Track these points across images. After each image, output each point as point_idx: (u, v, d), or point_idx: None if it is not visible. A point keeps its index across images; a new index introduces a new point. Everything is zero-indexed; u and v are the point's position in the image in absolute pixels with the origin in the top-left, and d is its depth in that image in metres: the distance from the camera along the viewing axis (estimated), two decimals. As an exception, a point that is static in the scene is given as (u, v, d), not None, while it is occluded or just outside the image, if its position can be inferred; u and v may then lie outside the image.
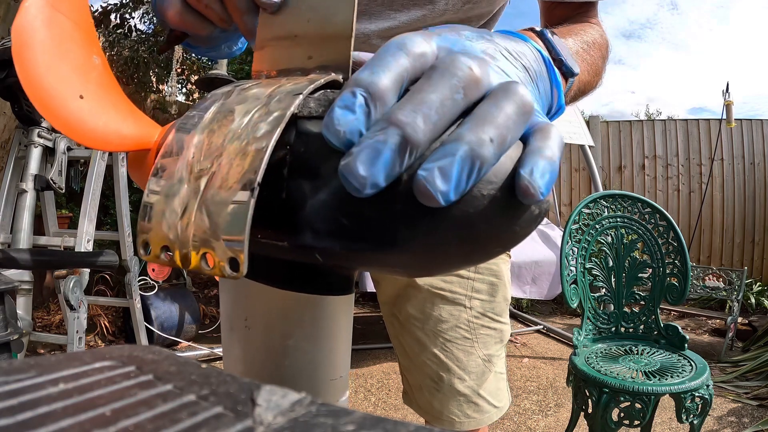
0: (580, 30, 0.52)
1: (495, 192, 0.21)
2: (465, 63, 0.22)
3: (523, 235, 0.24)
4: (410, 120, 0.20)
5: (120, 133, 0.30)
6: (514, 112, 0.22)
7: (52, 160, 1.98)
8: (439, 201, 0.20)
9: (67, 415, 0.13)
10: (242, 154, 0.22)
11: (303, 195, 0.23)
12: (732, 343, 3.24)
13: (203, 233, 0.21)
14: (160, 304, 3.09)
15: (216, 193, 0.21)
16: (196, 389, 0.15)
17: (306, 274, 0.26)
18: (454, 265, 0.25)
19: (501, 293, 0.78)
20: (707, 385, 1.48)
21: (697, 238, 4.61)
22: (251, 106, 0.24)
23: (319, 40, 0.27)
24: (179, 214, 0.22)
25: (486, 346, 0.77)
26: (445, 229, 0.21)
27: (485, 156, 0.20)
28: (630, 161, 4.87)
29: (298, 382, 0.28)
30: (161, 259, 0.23)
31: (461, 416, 0.76)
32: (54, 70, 0.27)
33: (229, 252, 0.21)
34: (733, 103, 3.97)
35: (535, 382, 2.76)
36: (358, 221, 0.22)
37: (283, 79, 0.26)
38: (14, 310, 0.86)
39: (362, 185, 0.20)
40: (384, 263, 0.24)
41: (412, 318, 0.77)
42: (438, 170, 0.20)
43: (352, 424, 0.13)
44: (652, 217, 1.89)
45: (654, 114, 12.27)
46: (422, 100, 0.21)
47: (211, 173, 0.22)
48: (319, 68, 0.27)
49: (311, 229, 0.23)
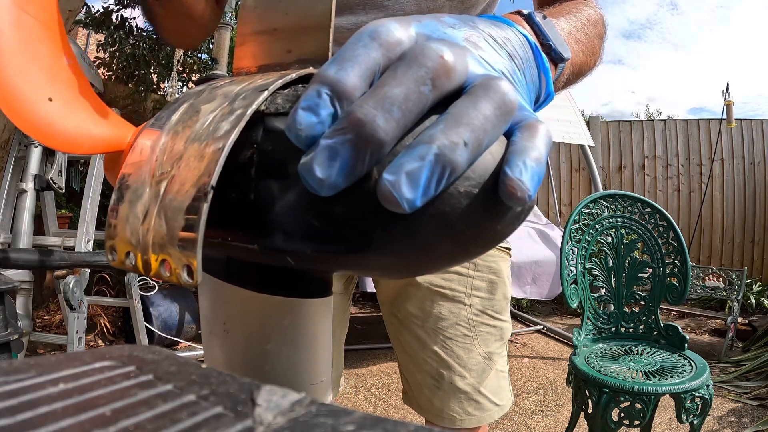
0: (573, 8, 0.49)
1: (473, 190, 0.20)
2: (435, 51, 0.20)
3: (505, 233, 0.23)
4: (370, 118, 0.19)
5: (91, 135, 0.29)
6: (493, 113, 0.20)
7: (52, 160, 1.98)
8: (405, 208, 0.19)
9: (67, 415, 0.13)
10: (200, 156, 0.21)
11: (272, 195, 0.22)
12: (732, 343, 3.24)
13: (161, 239, 0.21)
14: (160, 304, 3.09)
15: (173, 198, 0.21)
16: (196, 389, 0.15)
17: (282, 277, 0.26)
18: (432, 266, 0.23)
19: (500, 291, 0.78)
20: (707, 385, 1.48)
21: (697, 238, 4.61)
22: (217, 104, 0.23)
23: (297, 33, 0.26)
24: (141, 219, 0.22)
25: (486, 344, 0.77)
26: (421, 229, 0.20)
27: (457, 161, 0.19)
28: (630, 161, 4.87)
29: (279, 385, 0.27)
30: (126, 264, 0.22)
31: (462, 414, 0.76)
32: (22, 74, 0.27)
33: (184, 259, 0.20)
34: (733, 103, 3.97)
35: (535, 382, 2.76)
36: (329, 222, 0.21)
37: (257, 76, 0.25)
38: (14, 310, 0.87)
39: (320, 186, 0.19)
40: (358, 265, 0.23)
41: (412, 316, 0.77)
42: (405, 175, 0.19)
43: (352, 424, 0.13)
44: (652, 217, 1.89)
45: (654, 114, 12.28)
46: (384, 96, 0.19)
47: (170, 176, 0.21)
48: (298, 62, 0.26)
49: (281, 231, 0.22)
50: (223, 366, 0.29)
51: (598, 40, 0.50)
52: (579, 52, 0.44)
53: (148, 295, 3.03)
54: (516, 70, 0.29)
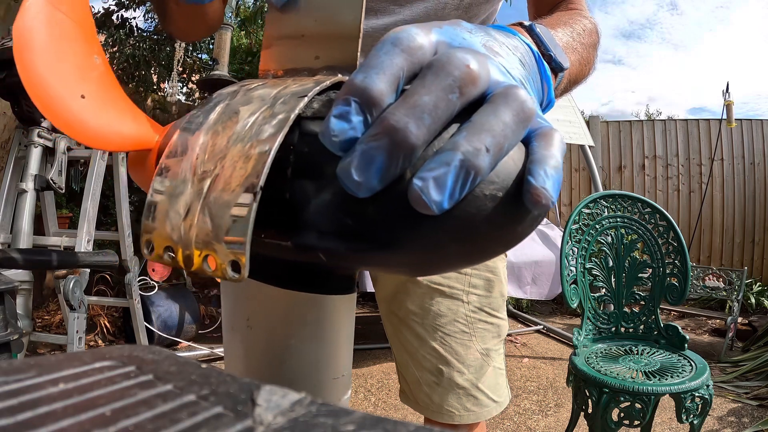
0: (569, 19, 0.51)
1: (497, 193, 0.21)
2: (462, 60, 0.22)
3: (523, 234, 0.24)
4: (402, 125, 0.20)
5: (121, 133, 0.30)
6: (513, 120, 0.21)
7: (52, 160, 1.98)
8: (434, 210, 0.20)
9: (67, 415, 0.13)
10: (245, 156, 0.22)
11: (306, 195, 0.23)
12: (732, 343, 3.24)
13: (206, 235, 0.21)
14: (160, 304, 3.09)
15: (219, 196, 0.21)
16: (196, 389, 0.15)
17: (308, 274, 0.26)
18: (457, 264, 0.24)
19: (497, 289, 0.80)
20: (707, 385, 1.48)
21: (697, 238, 4.61)
22: (256, 107, 0.24)
23: (326, 40, 0.27)
24: (182, 215, 0.22)
25: (484, 340, 0.78)
26: (447, 228, 0.21)
27: (480, 166, 0.20)
28: (630, 161, 4.87)
29: (301, 381, 0.28)
30: (164, 259, 0.23)
31: (461, 409, 0.77)
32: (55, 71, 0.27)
33: (230, 255, 0.21)
34: (733, 103, 3.97)
35: (535, 382, 2.76)
36: (362, 222, 0.22)
37: (289, 80, 0.26)
38: (14, 310, 0.86)
39: (358, 188, 0.20)
40: (387, 263, 0.24)
41: (411, 313, 0.78)
42: (433, 180, 0.20)
43: (352, 424, 0.13)
44: (652, 217, 1.89)
45: (654, 114, 12.28)
46: (415, 104, 0.21)
47: (214, 175, 0.22)
48: (326, 69, 0.27)
49: (315, 229, 0.23)
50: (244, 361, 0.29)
51: (592, 50, 0.51)
52: (575, 62, 0.46)
53: (148, 295, 3.03)
54: (527, 78, 0.30)
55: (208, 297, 4.04)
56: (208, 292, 4.12)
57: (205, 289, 4.12)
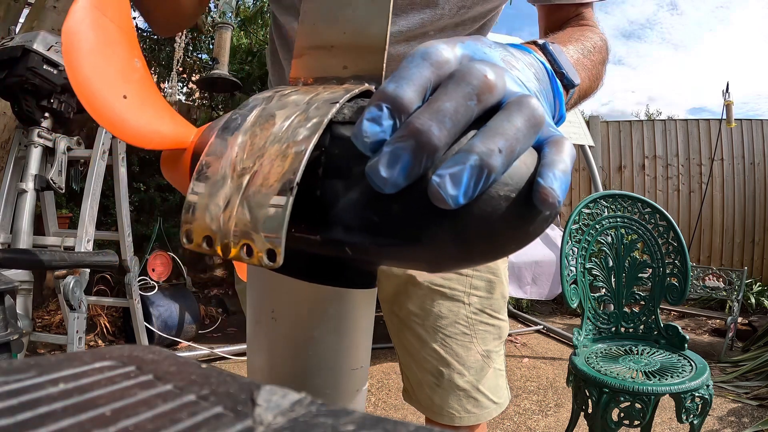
0: (580, 36, 0.54)
1: (510, 194, 0.23)
2: (480, 71, 0.24)
3: (535, 233, 0.25)
4: (426, 128, 0.22)
5: (159, 132, 0.32)
6: (524, 125, 0.23)
7: (52, 160, 1.98)
8: (450, 204, 0.22)
9: (67, 415, 0.13)
10: (283, 155, 0.24)
11: (336, 193, 0.25)
12: (732, 343, 3.24)
13: (244, 226, 0.23)
14: (160, 304, 3.08)
15: (257, 191, 0.24)
16: (196, 389, 0.15)
17: (333, 269, 0.28)
18: (473, 260, 0.26)
19: (498, 290, 0.80)
20: (707, 385, 1.48)
21: (697, 238, 4.61)
22: (291, 111, 0.26)
23: (354, 51, 0.29)
24: (222, 207, 0.24)
25: (485, 342, 0.78)
26: (465, 225, 0.23)
27: (494, 165, 0.22)
28: (630, 161, 4.87)
29: (321, 371, 0.29)
30: (202, 247, 0.25)
31: (461, 411, 0.77)
32: (100, 72, 0.29)
33: (267, 244, 0.23)
34: (733, 103, 3.96)
35: (535, 382, 2.76)
36: (387, 218, 0.24)
37: (320, 87, 0.28)
38: (14, 310, 0.86)
39: (384, 184, 0.22)
40: (408, 257, 0.26)
41: (412, 315, 0.78)
42: (450, 177, 0.22)
43: (352, 424, 0.13)
44: (652, 217, 1.88)
45: (654, 114, 12.26)
46: (438, 109, 0.23)
47: (253, 172, 0.24)
48: (354, 78, 0.29)
49: (343, 224, 0.25)
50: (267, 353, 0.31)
51: (601, 65, 0.54)
52: (585, 78, 0.48)
53: (148, 295, 3.03)
54: (540, 91, 0.32)
55: (208, 297, 4.04)
56: (208, 292, 4.12)
57: (205, 289, 4.12)
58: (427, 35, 0.64)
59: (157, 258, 3.25)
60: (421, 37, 0.64)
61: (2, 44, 1.82)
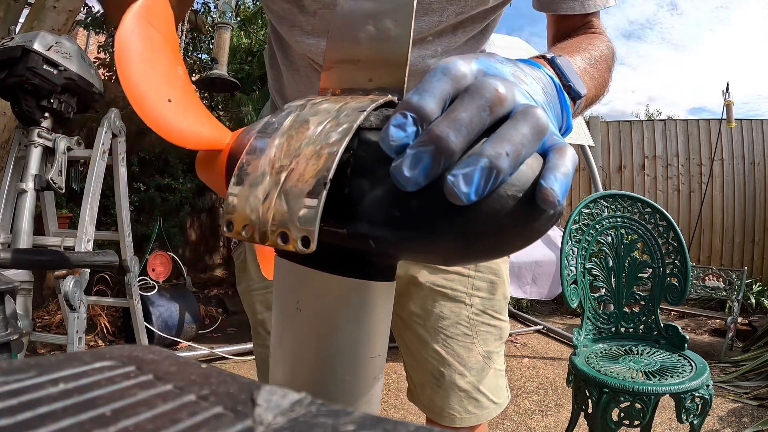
0: (588, 45, 0.56)
1: (517, 194, 0.26)
2: (492, 85, 0.27)
3: (541, 231, 0.28)
4: (445, 135, 0.25)
5: (199, 134, 0.36)
6: (529, 132, 0.26)
7: (52, 160, 1.98)
8: (462, 200, 0.25)
9: (67, 415, 0.13)
10: (317, 155, 0.27)
11: (362, 191, 0.28)
12: (732, 343, 3.24)
13: (281, 216, 0.26)
14: (160, 304, 3.09)
15: (294, 186, 0.27)
16: (196, 389, 0.15)
17: (356, 262, 0.31)
18: (485, 253, 0.29)
19: (500, 291, 0.80)
20: (707, 385, 1.48)
21: (697, 238, 4.61)
22: (323, 117, 0.29)
23: (378, 65, 0.32)
24: (261, 200, 0.27)
25: (486, 343, 0.79)
26: (477, 221, 0.26)
27: (501, 167, 0.25)
28: (630, 161, 4.87)
29: (341, 357, 0.32)
30: (242, 235, 0.28)
31: (462, 412, 0.77)
32: (148, 78, 0.33)
33: (303, 232, 0.26)
34: (733, 103, 3.96)
35: (535, 382, 2.76)
36: (407, 213, 0.27)
37: (348, 97, 0.32)
38: (14, 310, 0.86)
39: (407, 183, 0.25)
40: (426, 250, 0.29)
41: (414, 315, 0.78)
42: (462, 176, 0.25)
43: (352, 424, 0.13)
44: (652, 217, 1.88)
45: (654, 114, 12.26)
46: (455, 119, 0.26)
47: (290, 170, 0.27)
48: (378, 89, 0.32)
49: (368, 219, 0.27)
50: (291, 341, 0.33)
51: (607, 73, 0.57)
52: (592, 87, 0.52)
53: (148, 295, 3.03)
54: (547, 103, 0.35)
55: (208, 297, 4.04)
56: (208, 292, 4.12)
57: (205, 289, 4.12)
58: (426, 40, 0.65)
59: (157, 258, 3.25)
60: (420, 43, 0.65)
61: (2, 44, 1.82)
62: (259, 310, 0.81)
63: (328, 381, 0.32)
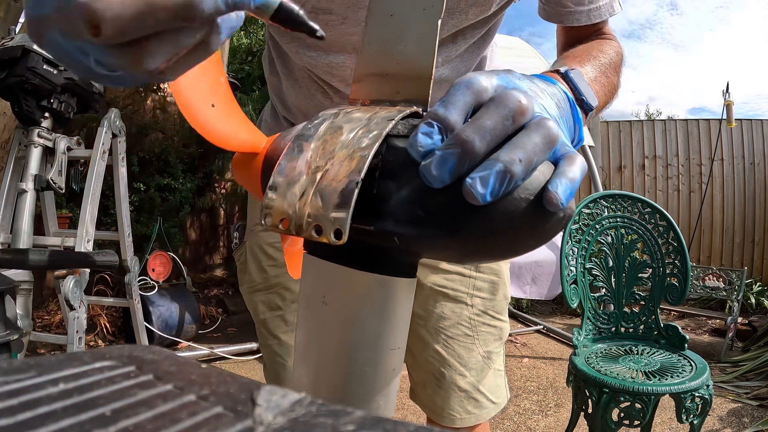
0: (599, 53, 0.59)
1: (529, 197, 0.29)
2: (516, 97, 0.29)
3: (552, 232, 0.30)
4: (470, 139, 0.28)
5: (238, 137, 0.39)
6: (541, 141, 0.29)
7: (52, 160, 1.98)
8: (479, 200, 0.27)
9: (67, 415, 0.13)
10: (350, 158, 0.30)
11: (389, 192, 0.30)
12: (732, 343, 3.24)
13: (316, 211, 0.29)
14: (160, 304, 3.08)
15: (329, 184, 0.29)
16: (196, 389, 0.15)
17: (380, 259, 0.33)
18: (499, 252, 0.31)
19: (501, 292, 0.80)
20: (707, 385, 1.48)
21: (697, 238, 4.60)
22: (355, 125, 0.32)
23: (405, 79, 0.35)
24: (298, 196, 0.30)
25: (486, 344, 0.79)
26: (492, 220, 0.29)
27: (515, 171, 0.27)
28: (630, 161, 4.87)
29: (364, 349, 0.34)
30: (279, 228, 0.31)
31: (462, 412, 0.78)
32: (195, 86, 0.37)
33: (336, 225, 0.28)
34: (733, 103, 3.96)
35: (535, 382, 2.76)
36: (430, 212, 0.29)
37: (377, 108, 0.35)
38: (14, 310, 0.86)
39: (434, 180, 0.28)
40: (445, 247, 0.31)
41: (415, 316, 0.78)
42: (479, 179, 0.27)
43: (352, 424, 0.13)
44: (652, 217, 1.88)
45: (654, 114, 12.24)
46: (480, 125, 0.29)
47: (325, 170, 0.30)
48: (405, 101, 0.35)
49: (393, 217, 0.30)
50: (317, 334, 0.36)
51: (617, 77, 0.60)
52: (602, 95, 0.54)
53: (148, 295, 3.03)
54: (560, 117, 0.38)
55: (208, 297, 4.04)
56: (208, 292, 4.12)
57: (205, 289, 4.12)
58: None
59: (157, 258, 3.25)
60: None
61: (2, 44, 1.82)
62: (261, 310, 0.81)
63: (350, 371, 0.34)
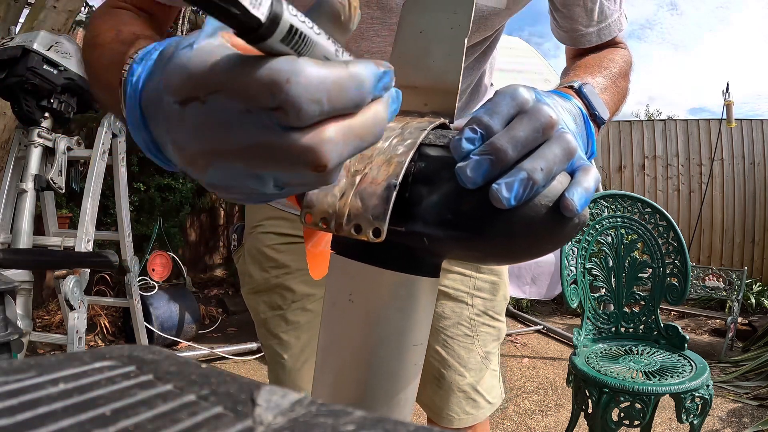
0: (609, 63, 0.61)
1: (549, 203, 0.32)
2: (548, 112, 0.33)
3: (567, 237, 0.33)
4: (504, 147, 0.31)
5: None
6: (561, 153, 0.32)
7: (52, 160, 1.98)
8: (504, 204, 0.30)
9: (67, 415, 0.13)
10: (387, 163, 0.33)
11: (420, 196, 0.33)
12: (732, 343, 3.24)
13: (356, 211, 0.32)
14: (160, 304, 3.08)
15: (368, 187, 0.32)
16: (196, 389, 0.15)
17: (408, 259, 0.35)
18: (519, 253, 0.34)
19: (501, 292, 0.80)
20: (707, 385, 1.48)
21: (697, 238, 4.60)
22: (390, 134, 0.35)
23: (433, 92, 0.38)
24: (338, 197, 0.33)
25: (485, 344, 0.79)
26: (515, 224, 0.31)
27: (537, 179, 0.31)
28: (630, 161, 4.87)
29: (388, 344, 0.36)
30: (318, 226, 0.33)
31: (460, 413, 0.78)
32: None
33: (375, 224, 0.31)
34: (733, 103, 3.96)
35: (535, 382, 2.76)
36: (457, 216, 0.32)
37: (407, 118, 0.37)
38: (14, 310, 0.87)
39: (468, 181, 0.31)
40: (470, 248, 0.33)
41: None
42: (505, 184, 0.30)
43: (352, 424, 0.13)
44: (652, 217, 1.88)
45: (654, 114, 12.23)
46: (514, 136, 0.32)
47: (363, 174, 0.33)
48: (432, 113, 0.37)
49: (423, 219, 0.32)
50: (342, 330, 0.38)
51: (626, 83, 0.63)
52: (612, 103, 0.57)
53: (148, 295, 3.03)
54: (578, 132, 0.42)
55: (208, 297, 4.04)
56: (208, 292, 4.12)
57: (205, 289, 4.12)
58: None
59: (157, 258, 3.25)
60: None
61: (2, 44, 1.82)
62: (263, 310, 0.81)
63: (374, 365, 0.36)
